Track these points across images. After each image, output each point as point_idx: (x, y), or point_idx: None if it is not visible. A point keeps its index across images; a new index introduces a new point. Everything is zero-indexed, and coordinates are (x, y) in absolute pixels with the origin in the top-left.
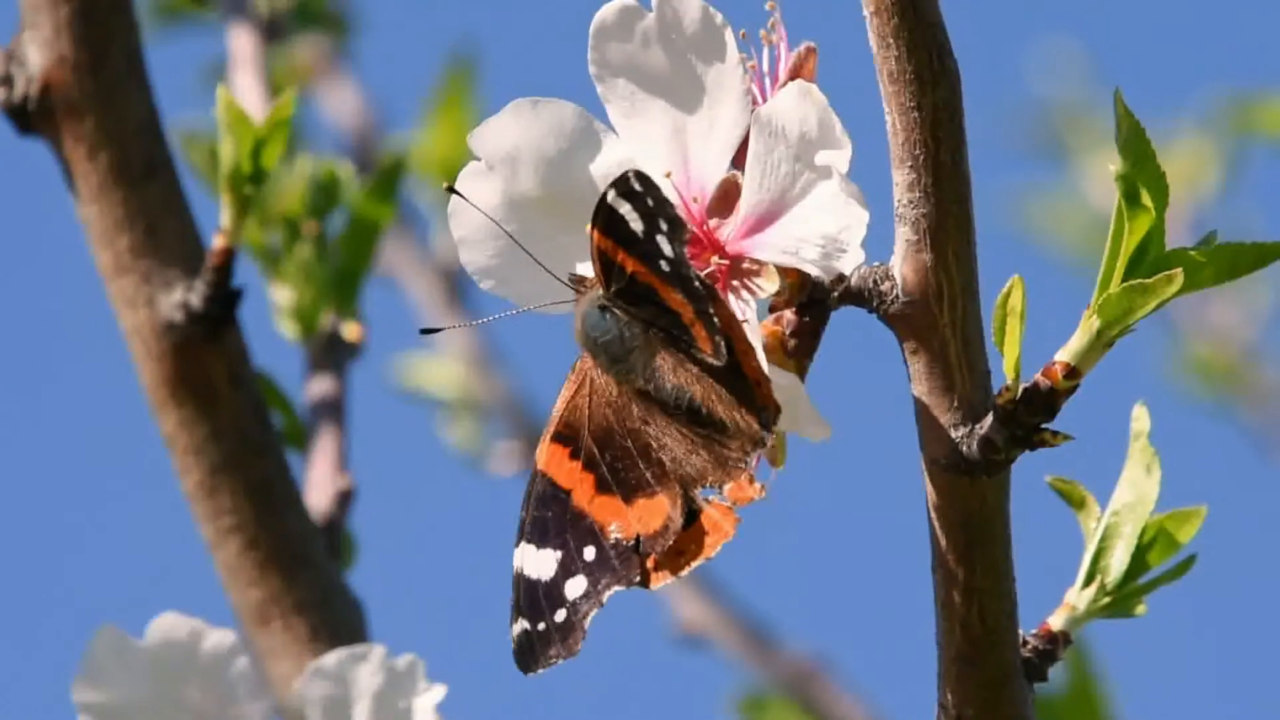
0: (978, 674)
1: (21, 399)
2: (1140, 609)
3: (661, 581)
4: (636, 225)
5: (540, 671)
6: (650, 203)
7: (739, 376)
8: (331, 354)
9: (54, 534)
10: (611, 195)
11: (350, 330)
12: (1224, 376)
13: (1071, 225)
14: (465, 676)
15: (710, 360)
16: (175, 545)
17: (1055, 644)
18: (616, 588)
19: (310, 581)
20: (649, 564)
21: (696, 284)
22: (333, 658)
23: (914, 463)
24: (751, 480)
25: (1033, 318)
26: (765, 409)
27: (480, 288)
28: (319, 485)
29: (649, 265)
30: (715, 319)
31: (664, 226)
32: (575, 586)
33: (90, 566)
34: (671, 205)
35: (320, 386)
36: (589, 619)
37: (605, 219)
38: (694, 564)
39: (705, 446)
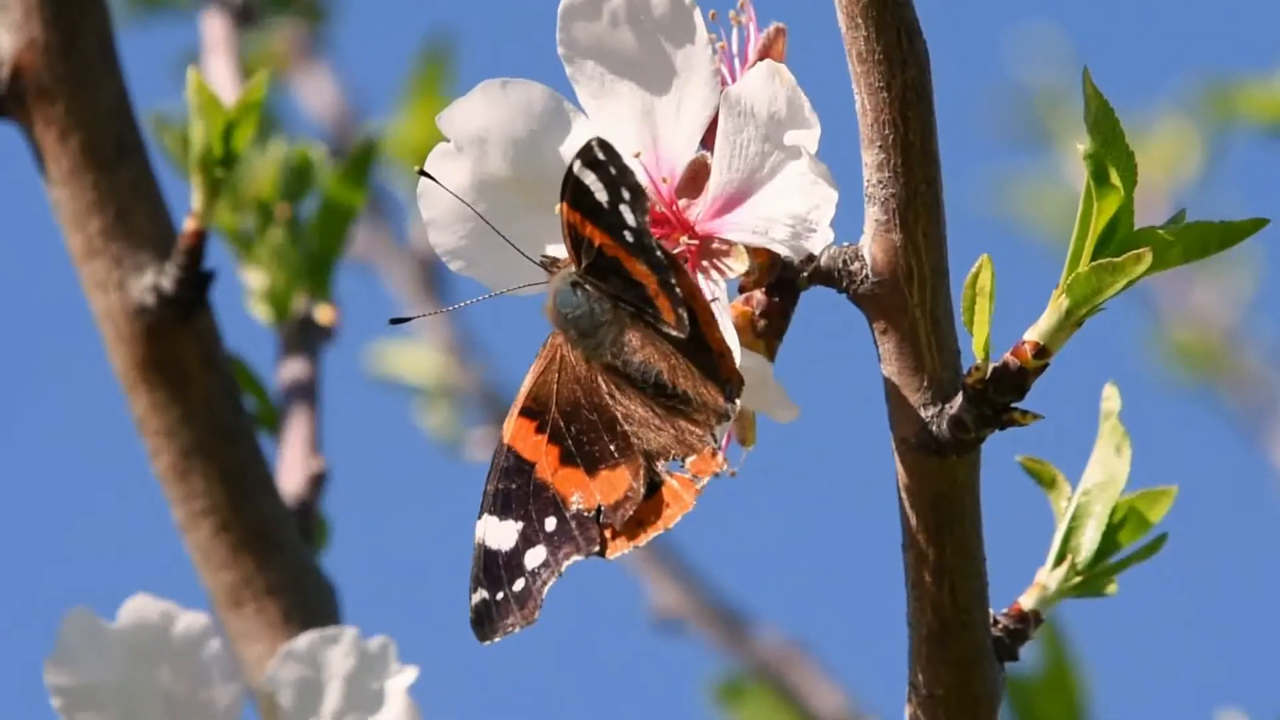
0: (948, 653)
1: None
2: (1111, 588)
3: (619, 550)
4: (601, 195)
5: (497, 640)
6: (613, 171)
7: (703, 349)
8: (304, 337)
9: (25, 517)
10: (577, 165)
11: (323, 314)
12: (1205, 361)
13: (1051, 210)
14: (438, 659)
15: (674, 332)
16: (147, 528)
17: (1026, 623)
18: (576, 557)
19: (282, 564)
20: (607, 533)
21: (659, 254)
22: (305, 640)
23: (884, 443)
24: (715, 454)
25: (1012, 301)
26: (729, 381)
27: (451, 269)
28: (291, 468)
29: (614, 236)
30: (677, 289)
31: (626, 196)
32: (535, 556)
33: (62, 549)
34: (633, 173)
35: (293, 370)
36: (547, 588)
37: (573, 190)
38: (652, 533)
39: (670, 420)
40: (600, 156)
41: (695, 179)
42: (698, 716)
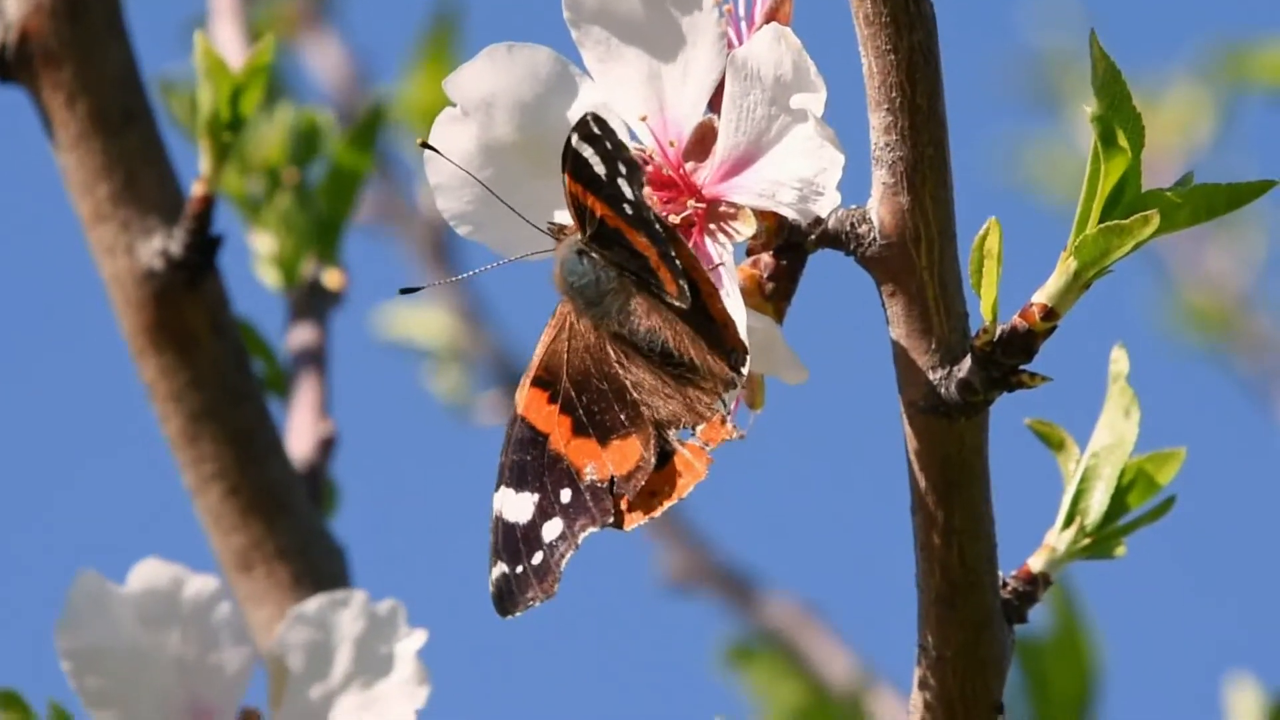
0: (957, 615)
1: (3, 346)
2: (1120, 550)
3: (635, 522)
4: (599, 168)
5: (518, 614)
6: (609, 145)
7: (707, 319)
8: (313, 302)
9: (35, 481)
10: (575, 139)
11: (331, 278)
12: (1217, 324)
13: (1062, 175)
14: (447, 623)
15: (676, 303)
16: (157, 492)
17: (1035, 585)
18: (591, 529)
19: (292, 528)
20: (623, 505)
21: (657, 226)
22: (314, 603)
23: (892, 406)
24: (724, 421)
25: (1023, 265)
26: (734, 351)
27: (458, 234)
28: (300, 432)
29: (614, 208)
30: (677, 262)
31: (623, 170)
32: (552, 529)
33: (72, 513)
34: (627, 148)
35: (302, 334)
36: (565, 561)
37: (573, 163)
38: (667, 504)
39: (678, 388)
40: (595, 131)
41: (702, 142)
42: (707, 680)
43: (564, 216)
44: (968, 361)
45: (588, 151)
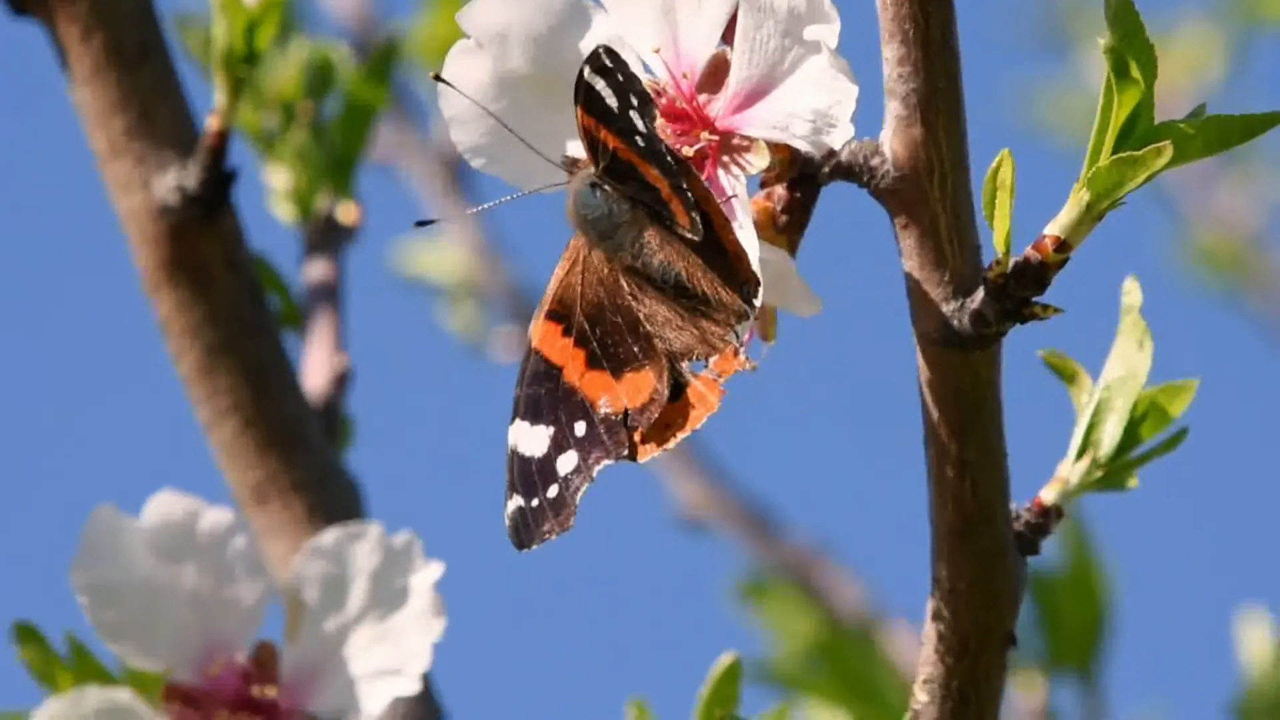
0: (970, 548)
1: (18, 283)
2: (1132, 482)
3: (649, 454)
4: (611, 101)
5: (535, 547)
6: (621, 78)
7: (719, 251)
8: (328, 237)
9: (51, 415)
10: (587, 71)
11: (346, 213)
12: (1229, 264)
13: (1075, 116)
14: (462, 555)
15: (688, 235)
16: (171, 427)
17: (1047, 517)
18: (606, 461)
19: (307, 461)
20: (636, 437)
21: (669, 159)
22: (330, 536)
23: (905, 338)
24: (736, 353)
25: (1033, 206)
26: (746, 283)
27: (473, 167)
28: (316, 367)
29: (627, 141)
30: (689, 194)
31: (634, 102)
32: (567, 462)
33: (87, 448)
34: (639, 80)
35: (317, 269)
36: (580, 494)
37: (585, 96)
38: (680, 436)
39: (691, 321)
40: (607, 63)
41: (715, 75)
42: (723, 615)
43: (577, 149)
44: (980, 293)
45: (600, 84)
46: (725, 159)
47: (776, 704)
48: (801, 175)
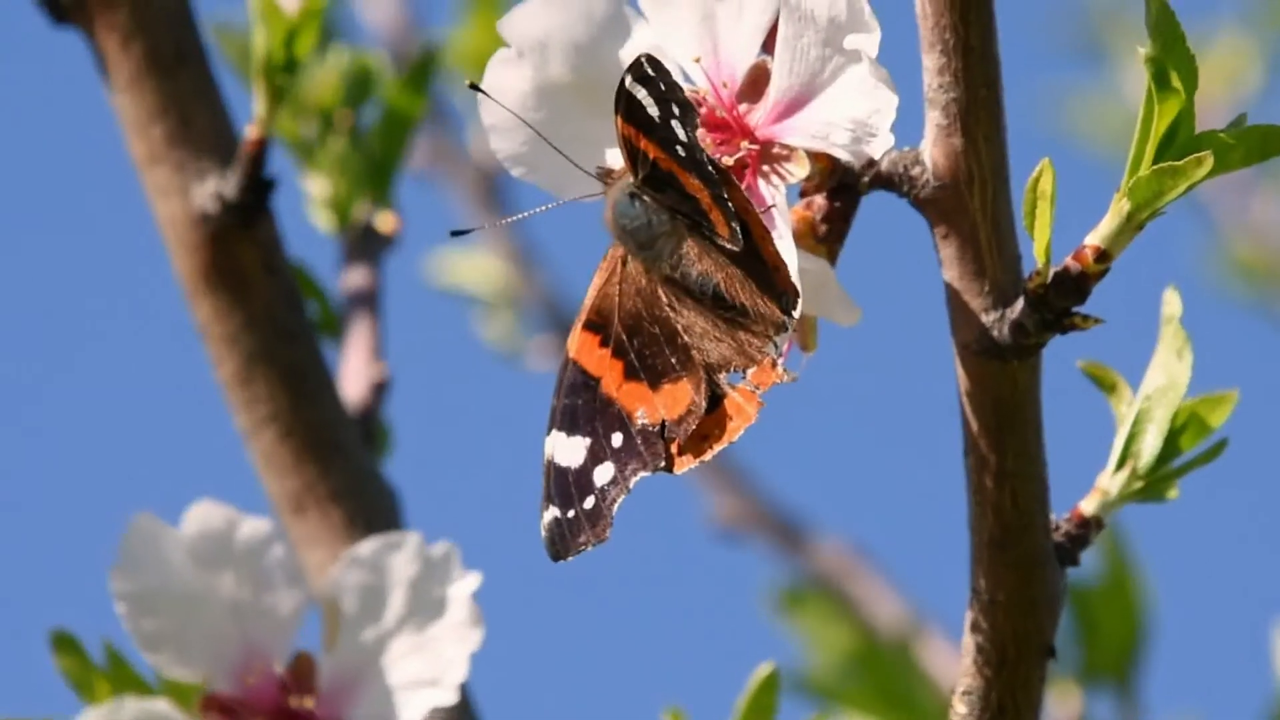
0: (1009, 558)
1: (58, 291)
2: (1172, 493)
3: (686, 466)
4: (652, 110)
5: (570, 559)
6: (663, 87)
7: (759, 261)
8: (366, 245)
9: (90, 423)
10: (628, 80)
11: (384, 221)
12: (1265, 275)
13: (1111, 125)
14: (500, 565)
15: (728, 245)
16: (210, 435)
17: (1087, 528)
18: (643, 473)
19: (345, 470)
20: (673, 449)
21: (710, 168)
22: (368, 546)
23: (945, 348)
24: (775, 365)
25: (1068, 216)
26: (785, 294)
27: (512, 176)
28: (354, 375)
29: (667, 150)
30: (730, 204)
31: (676, 110)
32: (603, 473)
33: (127, 456)
34: (681, 89)
35: (355, 277)
36: (617, 505)
37: (625, 104)
38: (717, 448)
39: (729, 332)
40: (649, 72)
41: (756, 84)
42: (759, 626)
43: (616, 158)
44: (1020, 303)
45: (641, 93)
46: (765, 168)
47: (812, 715)
48: (841, 185)
